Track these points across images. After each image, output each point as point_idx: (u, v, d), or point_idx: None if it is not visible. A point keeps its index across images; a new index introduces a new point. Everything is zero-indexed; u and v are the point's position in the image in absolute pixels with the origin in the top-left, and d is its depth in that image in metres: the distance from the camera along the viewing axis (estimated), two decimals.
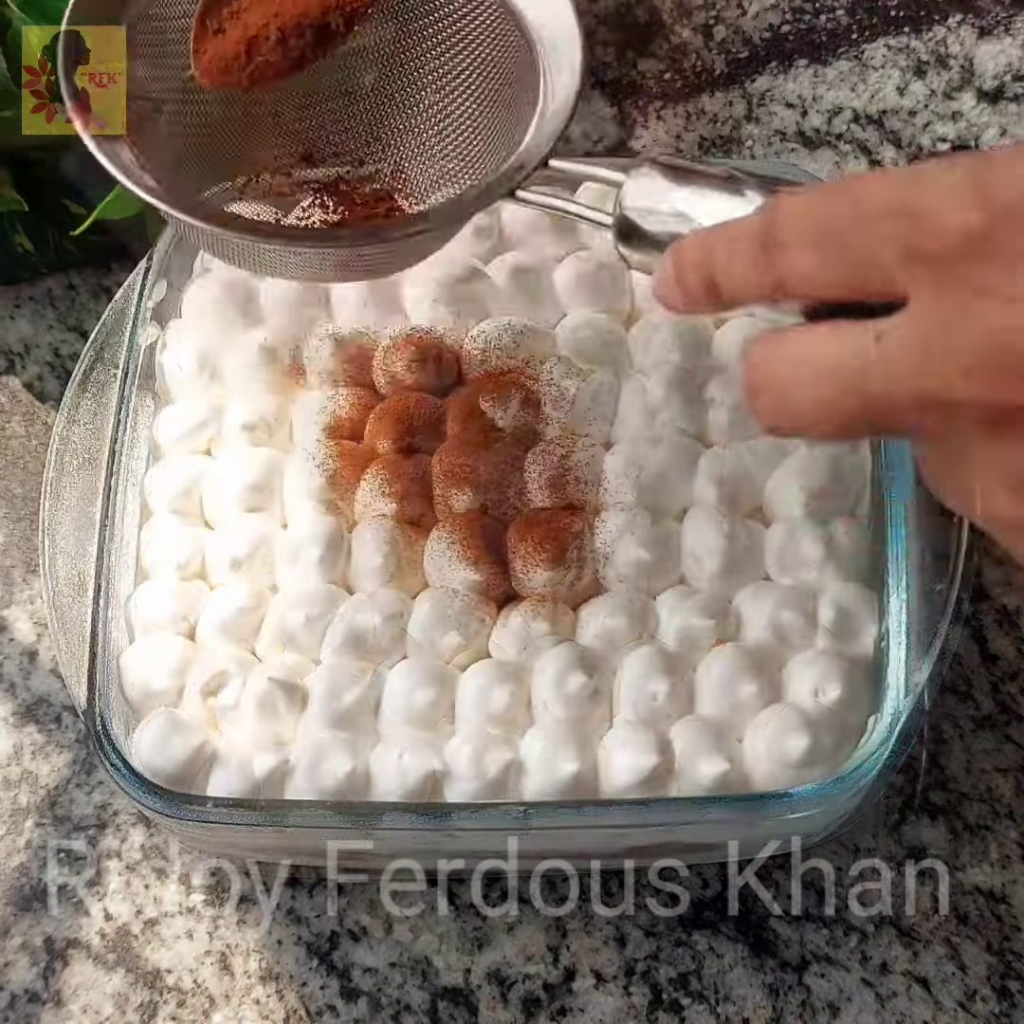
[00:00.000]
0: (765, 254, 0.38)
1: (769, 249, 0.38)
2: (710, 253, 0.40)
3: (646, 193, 0.46)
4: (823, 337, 0.37)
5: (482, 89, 0.56)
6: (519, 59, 0.54)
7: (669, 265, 0.42)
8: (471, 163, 0.56)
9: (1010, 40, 0.78)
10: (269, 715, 0.55)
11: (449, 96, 0.57)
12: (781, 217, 0.38)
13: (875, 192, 0.36)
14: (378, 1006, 0.58)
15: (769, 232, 0.38)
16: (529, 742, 0.54)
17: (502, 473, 0.58)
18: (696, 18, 0.80)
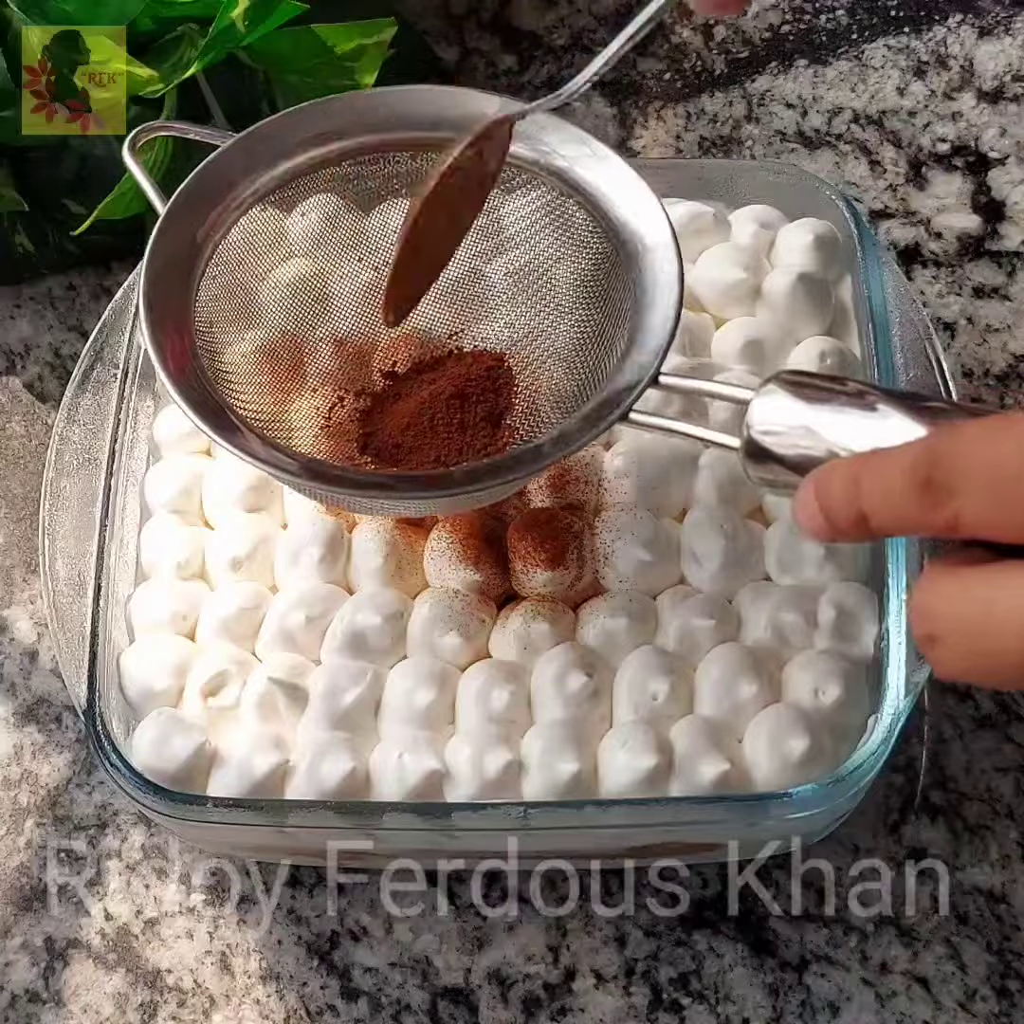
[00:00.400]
0: (929, 495, 0.36)
1: (931, 489, 0.36)
2: (858, 486, 0.38)
3: (774, 413, 0.43)
4: (1004, 584, 0.35)
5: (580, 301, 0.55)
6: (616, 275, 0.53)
7: (811, 495, 0.40)
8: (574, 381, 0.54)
9: (1010, 40, 0.78)
10: (269, 715, 0.55)
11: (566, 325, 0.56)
12: (944, 455, 0.36)
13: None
14: (378, 1006, 0.58)
15: (931, 472, 0.36)
16: (529, 742, 0.54)
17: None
18: (696, 18, 0.80)
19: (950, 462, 0.36)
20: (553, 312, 0.56)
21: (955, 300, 0.72)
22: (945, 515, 0.36)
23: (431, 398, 0.55)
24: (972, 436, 0.36)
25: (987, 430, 0.36)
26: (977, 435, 0.36)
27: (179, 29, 0.67)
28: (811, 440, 0.42)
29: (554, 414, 0.53)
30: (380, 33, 0.69)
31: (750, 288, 0.62)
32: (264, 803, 0.54)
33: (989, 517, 0.35)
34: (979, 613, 0.35)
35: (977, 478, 0.35)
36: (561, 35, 0.80)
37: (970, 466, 0.35)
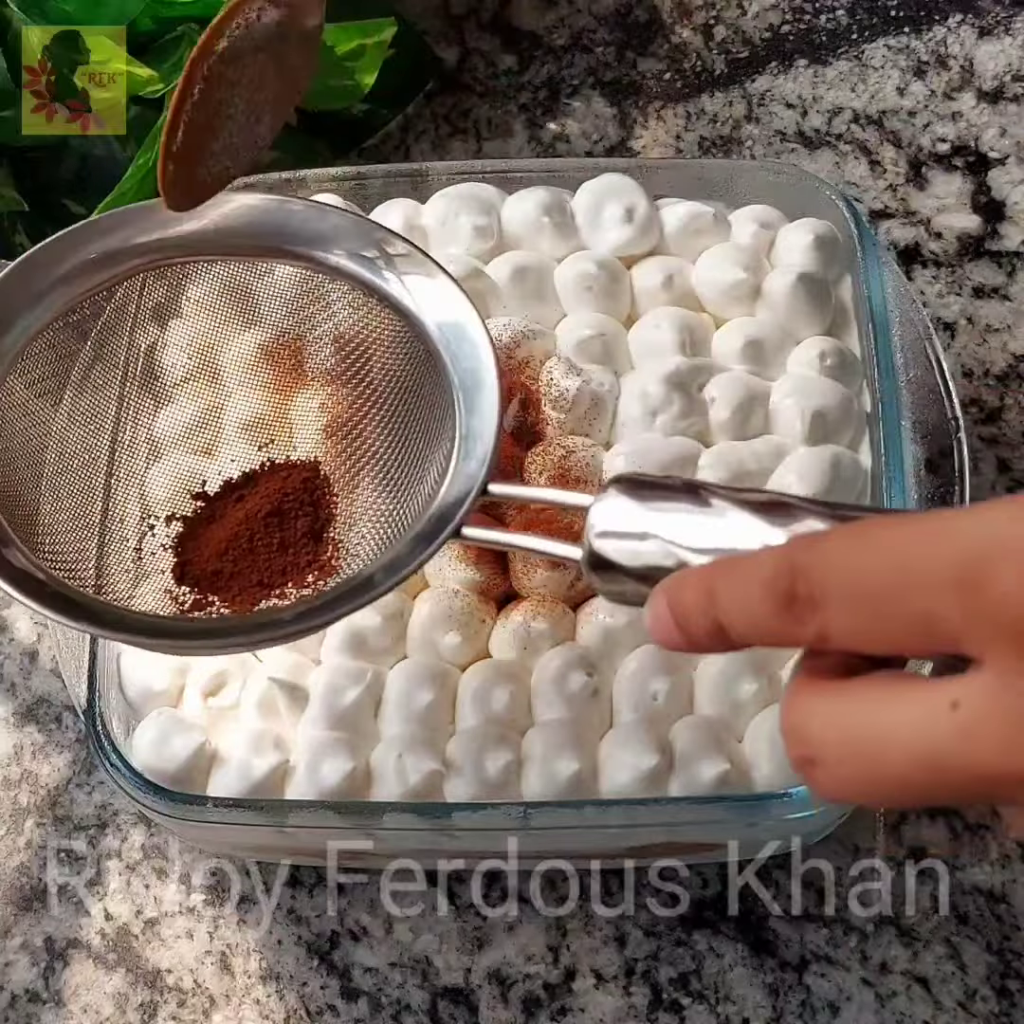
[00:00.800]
0: (791, 608, 0.34)
1: (795, 603, 0.34)
2: (713, 596, 0.36)
3: (613, 519, 0.41)
4: (882, 701, 0.33)
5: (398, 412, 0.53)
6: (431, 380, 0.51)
7: (663, 607, 0.38)
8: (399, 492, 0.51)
9: (1010, 40, 0.78)
10: (269, 715, 0.55)
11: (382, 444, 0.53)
12: (804, 568, 0.34)
13: (921, 551, 0.33)
14: (378, 1006, 0.58)
15: (792, 583, 0.34)
16: (529, 742, 0.54)
17: (502, 473, 0.58)
18: (696, 18, 0.80)
19: (812, 575, 0.34)
20: (370, 419, 0.54)
21: (955, 300, 0.72)
22: (812, 629, 0.34)
23: (247, 518, 0.52)
24: (833, 548, 0.35)
25: (848, 541, 0.35)
26: (838, 547, 0.35)
27: (179, 29, 0.67)
28: (653, 544, 0.40)
29: (380, 526, 0.51)
30: (380, 33, 0.69)
31: (750, 288, 0.62)
32: (264, 803, 0.54)
33: (859, 631, 0.34)
34: (858, 735, 0.34)
35: (842, 593, 0.34)
36: (561, 35, 0.80)
37: (834, 580, 0.34)
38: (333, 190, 0.64)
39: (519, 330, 0.60)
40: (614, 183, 0.64)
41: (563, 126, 0.77)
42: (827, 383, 0.59)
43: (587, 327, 0.61)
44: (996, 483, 0.66)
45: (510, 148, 0.77)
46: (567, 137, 0.77)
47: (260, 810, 0.54)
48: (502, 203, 0.64)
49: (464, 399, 0.50)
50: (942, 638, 0.32)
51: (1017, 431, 0.68)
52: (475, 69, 0.80)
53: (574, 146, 0.77)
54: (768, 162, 0.75)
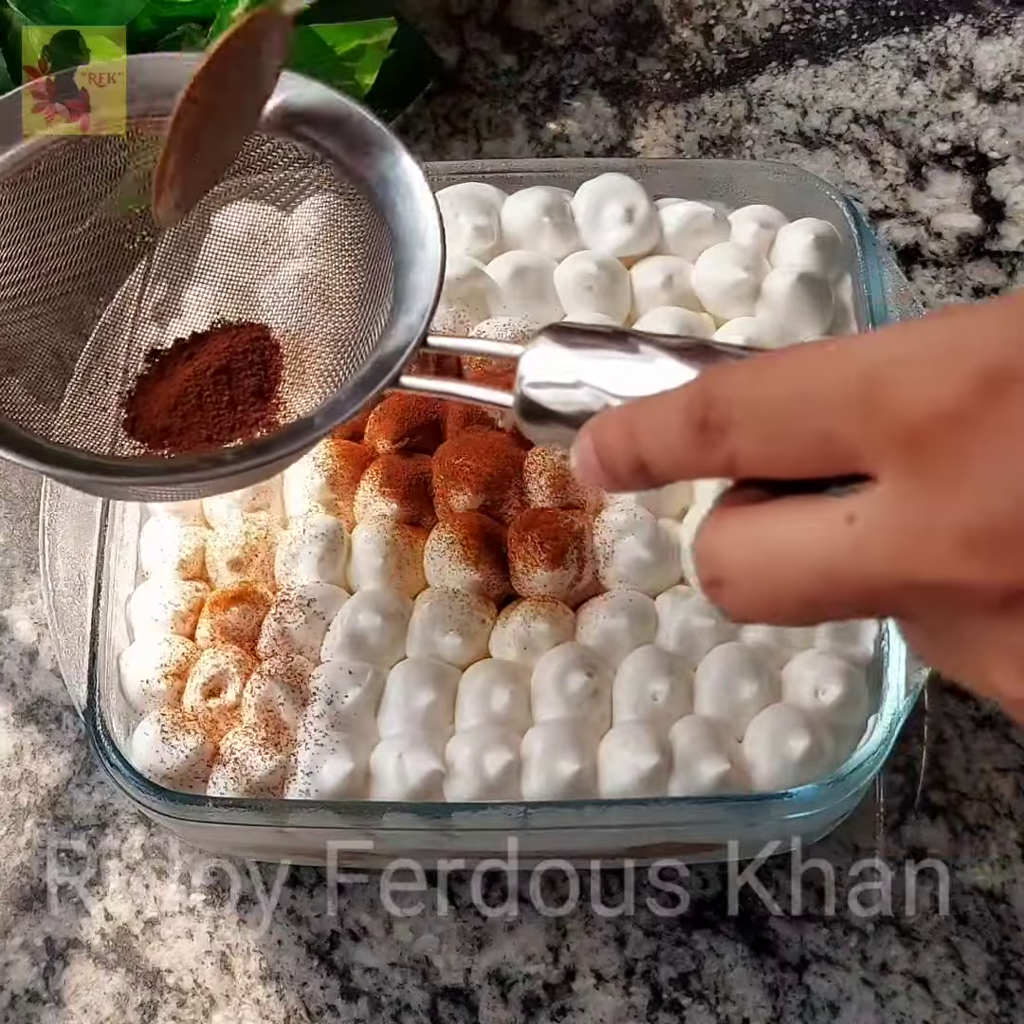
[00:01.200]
0: (703, 436, 0.35)
1: (707, 430, 0.35)
2: (634, 432, 0.38)
3: (544, 366, 0.43)
4: (784, 519, 0.35)
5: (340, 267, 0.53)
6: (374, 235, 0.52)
7: (588, 445, 0.39)
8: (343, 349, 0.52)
9: (1010, 40, 0.78)
10: (269, 715, 0.55)
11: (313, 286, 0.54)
12: (716, 398, 0.35)
13: (819, 369, 0.34)
14: (378, 1006, 0.58)
15: (704, 410, 0.35)
16: (529, 742, 0.54)
17: (502, 473, 0.58)
18: (696, 18, 0.80)
19: (722, 402, 0.35)
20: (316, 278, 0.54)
21: (955, 300, 0.72)
22: (721, 456, 0.36)
23: (196, 375, 0.53)
24: (741, 374, 0.36)
25: (755, 368, 0.36)
26: (746, 373, 0.36)
27: (179, 29, 0.67)
28: (583, 390, 0.42)
29: (326, 384, 0.52)
30: (380, 33, 0.69)
31: (750, 288, 0.62)
32: (264, 803, 0.54)
33: (763, 454, 0.35)
34: (761, 551, 0.35)
35: (748, 416, 0.35)
36: (561, 35, 0.80)
37: (741, 404, 0.35)
38: None
39: (519, 330, 0.60)
40: (614, 183, 0.64)
41: (563, 126, 0.77)
42: None
43: None
44: None
45: (510, 148, 0.77)
46: (567, 137, 0.77)
47: (260, 810, 0.54)
48: (502, 203, 0.64)
49: (408, 256, 0.50)
50: (841, 456, 0.33)
51: None
52: (475, 69, 0.80)
53: (574, 146, 0.77)
54: (768, 162, 0.75)
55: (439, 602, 0.56)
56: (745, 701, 0.54)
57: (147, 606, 0.58)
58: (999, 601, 0.32)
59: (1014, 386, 0.31)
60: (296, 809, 0.54)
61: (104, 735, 0.54)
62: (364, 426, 0.60)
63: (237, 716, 0.56)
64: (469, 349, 0.50)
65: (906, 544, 0.32)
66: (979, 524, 0.31)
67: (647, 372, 0.41)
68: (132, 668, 0.56)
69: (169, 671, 0.56)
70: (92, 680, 0.55)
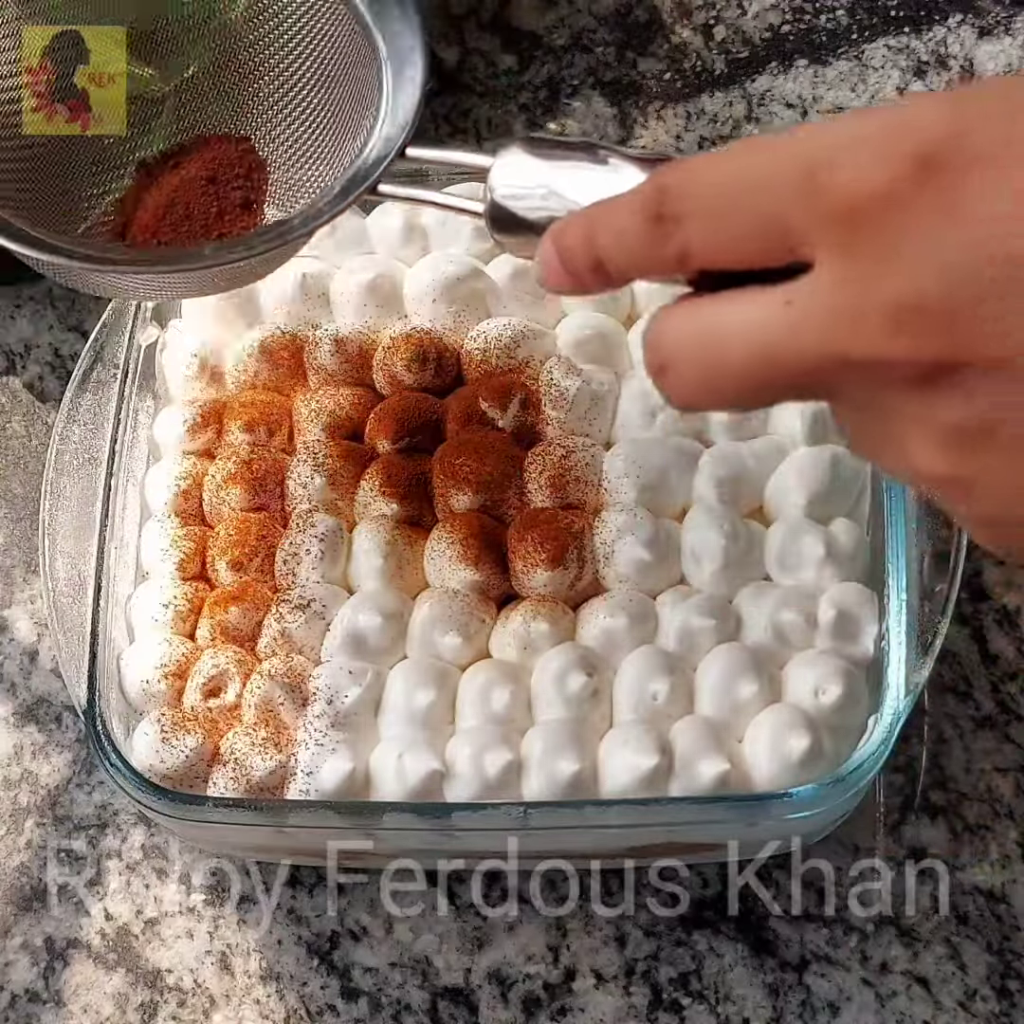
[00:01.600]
0: (658, 226, 0.37)
1: (661, 221, 0.37)
2: (593, 232, 0.39)
3: (515, 175, 0.45)
4: (727, 306, 0.36)
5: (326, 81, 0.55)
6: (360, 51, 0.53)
7: (550, 249, 0.41)
8: (326, 163, 0.54)
9: (1010, 40, 0.78)
10: (269, 715, 0.55)
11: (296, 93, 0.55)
12: (671, 186, 0.37)
13: (765, 156, 0.36)
14: (378, 1006, 0.58)
15: (659, 203, 0.37)
16: (529, 742, 0.54)
17: (502, 473, 0.58)
18: (696, 18, 0.80)
19: (676, 192, 0.36)
20: (301, 91, 0.55)
21: None
22: (675, 247, 0.36)
23: (183, 184, 0.54)
24: (696, 164, 0.37)
25: (705, 160, 0.37)
26: (701, 163, 0.37)
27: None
28: (551, 199, 0.43)
29: (310, 194, 0.53)
30: None
31: None
32: (264, 803, 0.54)
33: (712, 240, 0.36)
34: (704, 335, 0.36)
35: (699, 204, 0.36)
36: (561, 35, 0.80)
37: (694, 193, 0.36)
38: None
39: (519, 330, 0.60)
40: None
41: (563, 126, 0.77)
42: None
43: (587, 327, 0.61)
44: None
45: None
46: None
47: (260, 810, 0.54)
48: None
49: (392, 72, 0.52)
50: (783, 239, 0.35)
51: None
52: (475, 69, 0.80)
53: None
54: None
55: (439, 602, 0.56)
56: (745, 701, 0.54)
57: (147, 606, 0.58)
58: (922, 376, 0.33)
59: (947, 170, 0.32)
60: (296, 809, 0.54)
61: (104, 735, 0.54)
62: (364, 426, 0.60)
63: (237, 716, 0.56)
64: (444, 160, 0.52)
65: (838, 324, 0.34)
66: (907, 303, 0.33)
67: (613, 181, 0.42)
68: (132, 668, 0.56)
69: (169, 671, 0.56)
70: (92, 680, 0.55)
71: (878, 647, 0.54)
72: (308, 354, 0.62)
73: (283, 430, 0.61)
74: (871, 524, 0.57)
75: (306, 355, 0.62)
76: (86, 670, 0.55)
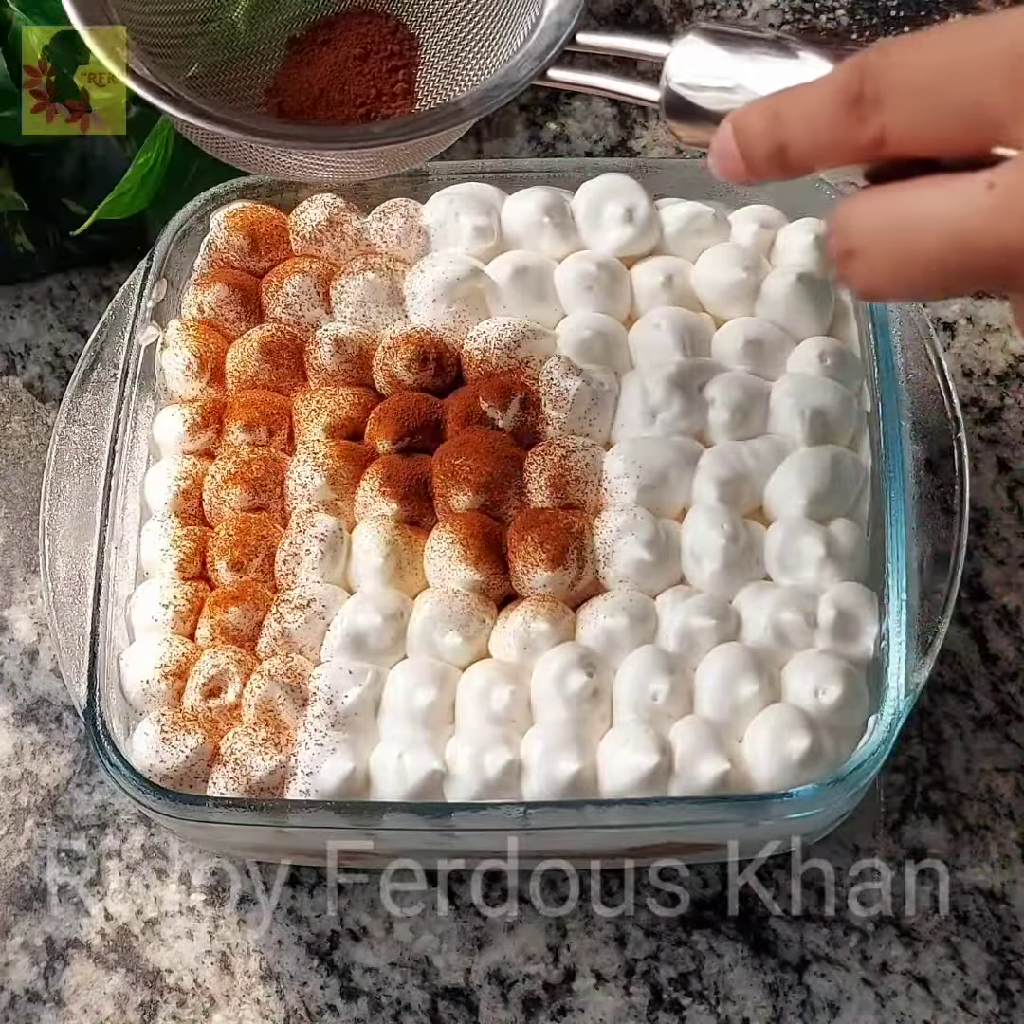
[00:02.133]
0: (855, 108, 0.36)
1: (859, 103, 0.36)
2: (779, 116, 0.38)
3: (694, 64, 0.43)
4: (922, 191, 0.35)
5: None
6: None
7: (728, 135, 0.40)
8: (488, 51, 0.54)
9: None
10: (269, 715, 0.55)
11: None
12: (873, 67, 0.36)
13: (972, 41, 0.35)
14: (378, 1006, 0.58)
15: (859, 84, 0.36)
16: (529, 742, 0.54)
17: (502, 473, 0.58)
18: (696, 18, 0.80)
19: (879, 75, 0.36)
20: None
21: (955, 300, 0.72)
22: (872, 130, 0.36)
23: (337, 65, 0.54)
24: (898, 49, 0.36)
25: (912, 42, 0.37)
26: (905, 45, 0.36)
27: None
28: (733, 89, 0.42)
29: (469, 83, 0.53)
30: None
31: (750, 288, 0.62)
32: (264, 803, 0.54)
33: (913, 123, 0.35)
34: (897, 222, 0.35)
35: (902, 87, 0.36)
36: None
37: (899, 76, 0.36)
38: (333, 190, 0.64)
39: (519, 330, 0.60)
40: (614, 183, 0.64)
41: (563, 126, 0.77)
42: (827, 383, 0.59)
43: (587, 327, 0.61)
44: (996, 483, 0.66)
45: (510, 148, 0.77)
46: (567, 137, 0.77)
47: (260, 810, 0.54)
48: (502, 203, 0.64)
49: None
50: (988, 126, 0.34)
51: (1017, 431, 0.68)
52: None
53: (574, 146, 0.77)
54: None
55: (439, 602, 0.56)
56: (745, 701, 0.54)
57: (147, 606, 0.58)
58: None
59: None
60: (296, 809, 0.54)
61: (104, 735, 0.54)
62: (364, 426, 0.60)
63: (237, 716, 0.56)
64: (616, 47, 0.50)
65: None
66: None
67: (802, 73, 0.40)
68: (132, 668, 0.56)
69: (169, 671, 0.56)
70: (92, 680, 0.55)
71: (878, 647, 0.54)
72: (308, 354, 0.62)
73: (283, 430, 0.61)
74: (871, 524, 0.57)
75: (306, 355, 0.62)
76: (86, 670, 0.55)
